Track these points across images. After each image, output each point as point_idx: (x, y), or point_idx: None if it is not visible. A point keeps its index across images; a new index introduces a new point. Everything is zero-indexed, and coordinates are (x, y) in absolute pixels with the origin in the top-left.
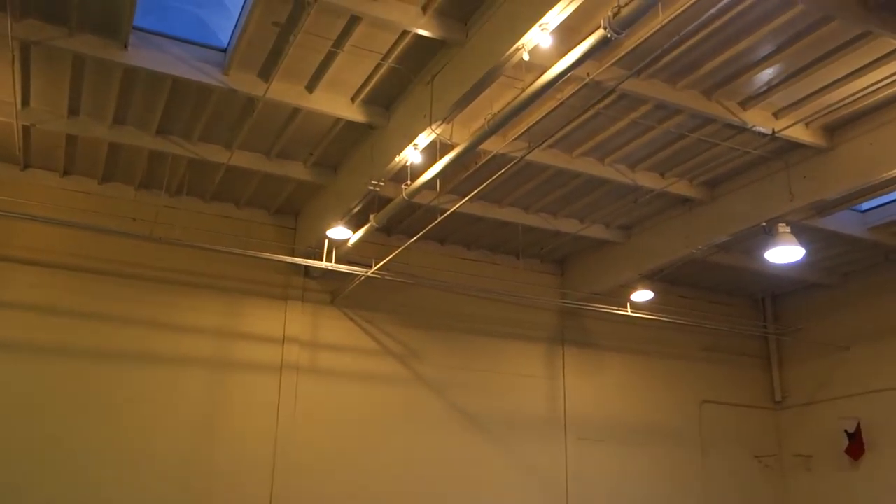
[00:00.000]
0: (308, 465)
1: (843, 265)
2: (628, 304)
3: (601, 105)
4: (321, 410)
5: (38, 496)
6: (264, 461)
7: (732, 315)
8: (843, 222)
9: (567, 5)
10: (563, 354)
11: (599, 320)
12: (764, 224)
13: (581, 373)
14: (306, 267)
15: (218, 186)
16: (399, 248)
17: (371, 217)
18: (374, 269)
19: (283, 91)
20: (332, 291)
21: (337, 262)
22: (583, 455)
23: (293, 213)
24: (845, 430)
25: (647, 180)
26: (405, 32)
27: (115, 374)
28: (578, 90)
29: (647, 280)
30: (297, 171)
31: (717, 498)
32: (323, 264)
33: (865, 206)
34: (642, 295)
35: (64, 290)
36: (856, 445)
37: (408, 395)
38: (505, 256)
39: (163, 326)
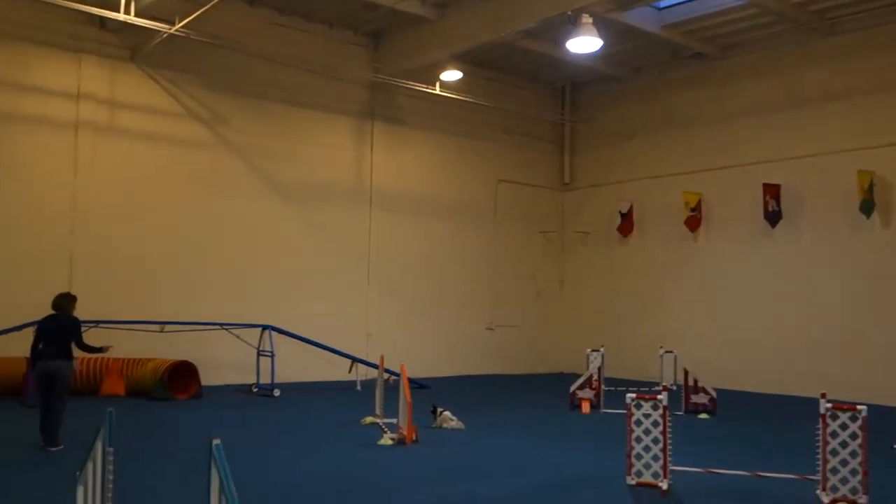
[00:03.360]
0: (109, 224)
1: (636, 59)
2: (437, 83)
3: None
4: (121, 170)
5: None
6: (62, 216)
7: (533, 100)
8: (641, 18)
9: None
10: (373, 129)
11: (409, 97)
12: (570, 13)
13: (388, 148)
14: (101, 17)
15: None
16: (206, 5)
17: None
18: (178, 26)
19: None
20: (133, 48)
21: (137, 15)
22: (385, 225)
23: None
24: (619, 211)
25: None
26: None
27: None
28: None
29: (457, 61)
30: None
31: (505, 265)
32: (120, 16)
33: (664, 3)
34: (451, 74)
35: None
36: (626, 224)
37: (213, 159)
38: (319, 25)
39: None
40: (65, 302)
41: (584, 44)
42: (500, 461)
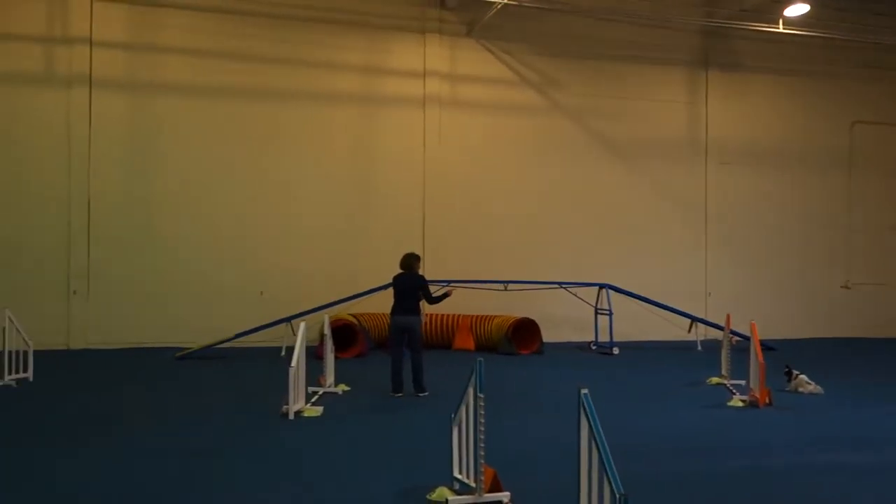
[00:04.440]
0: (453, 191)
1: None
2: (780, 21)
3: None
4: (463, 139)
5: (216, 215)
6: (415, 186)
7: None
8: None
9: None
10: (707, 78)
11: (747, 40)
12: None
13: (724, 96)
14: None
15: None
16: None
17: None
18: None
19: None
20: (469, 22)
21: None
22: (723, 179)
23: None
24: None
25: None
26: None
27: (270, 110)
28: None
29: None
30: None
31: (862, 215)
32: None
33: None
34: (797, 9)
35: (218, 33)
36: None
37: (546, 123)
38: None
39: (312, 65)
40: (411, 260)
41: None
42: (867, 430)
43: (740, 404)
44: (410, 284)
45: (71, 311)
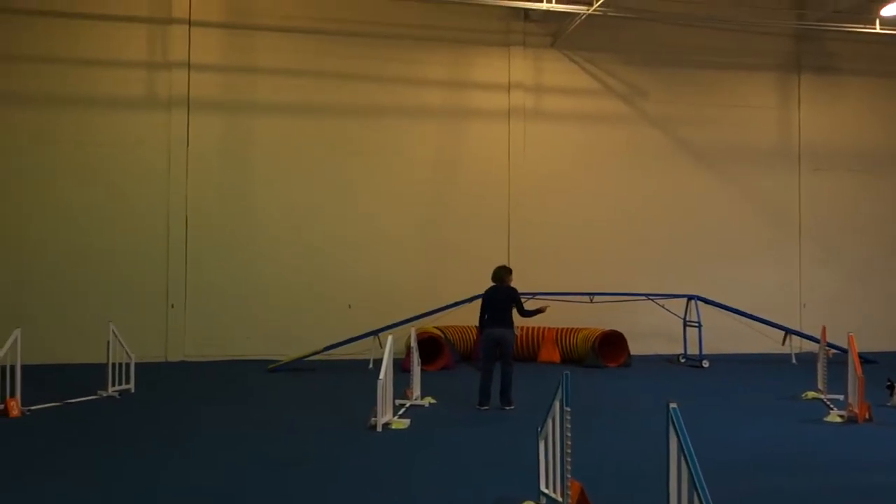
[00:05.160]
0: (538, 203)
1: None
2: (877, 21)
3: None
4: (548, 150)
5: (307, 231)
6: (500, 195)
7: None
8: None
9: None
10: (799, 82)
11: (841, 41)
12: None
13: (818, 100)
14: (525, 10)
15: None
16: None
17: None
18: (596, 6)
19: None
20: (553, 34)
21: (556, 2)
22: (817, 185)
23: None
24: None
25: None
26: None
27: (359, 126)
28: None
29: None
30: None
31: None
32: (543, 5)
33: None
34: (893, 8)
35: (306, 52)
36: None
37: (632, 132)
38: None
39: (399, 81)
40: (503, 273)
41: None
42: None
43: (838, 420)
44: (503, 297)
45: (169, 325)
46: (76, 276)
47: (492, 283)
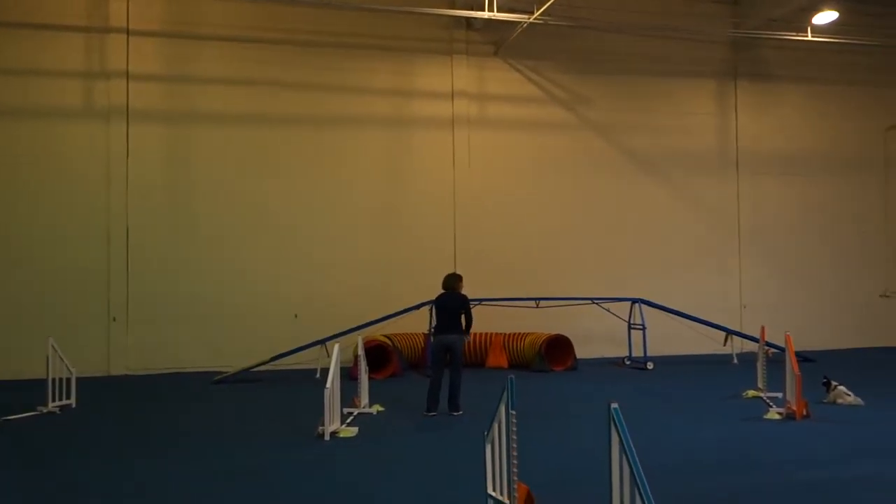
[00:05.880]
0: (482, 209)
1: None
2: (808, 29)
3: None
4: (492, 158)
5: (251, 241)
6: (445, 202)
7: None
8: None
9: None
10: (736, 89)
11: (775, 49)
12: None
13: (754, 107)
14: (468, 19)
15: None
16: None
17: None
18: (536, 14)
19: None
20: (496, 42)
21: (498, 10)
22: (755, 190)
23: None
24: None
25: None
26: None
27: (303, 136)
28: None
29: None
30: None
31: None
32: (485, 14)
33: None
34: (826, 16)
35: (248, 61)
36: None
37: (575, 139)
38: None
39: (342, 90)
40: (453, 281)
41: None
42: None
43: (777, 417)
44: (453, 304)
45: (111, 338)
46: (13, 290)
47: (442, 291)
